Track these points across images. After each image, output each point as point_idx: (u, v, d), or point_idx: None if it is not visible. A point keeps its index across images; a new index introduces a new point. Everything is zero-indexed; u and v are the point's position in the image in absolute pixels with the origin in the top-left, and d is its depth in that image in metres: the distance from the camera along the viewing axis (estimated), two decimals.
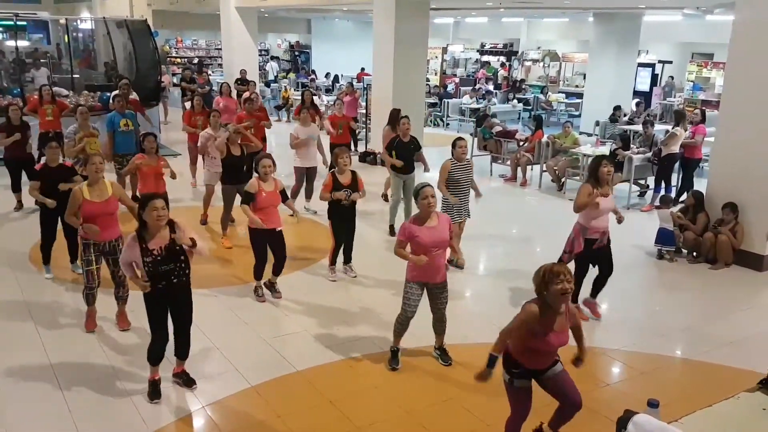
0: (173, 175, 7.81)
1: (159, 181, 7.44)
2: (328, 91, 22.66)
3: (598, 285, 6.40)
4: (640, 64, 20.48)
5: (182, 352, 4.93)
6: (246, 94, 13.63)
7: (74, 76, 16.55)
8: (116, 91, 12.36)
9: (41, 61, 19.60)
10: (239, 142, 8.28)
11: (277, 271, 6.64)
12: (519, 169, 12.14)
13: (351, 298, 6.79)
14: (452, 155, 7.23)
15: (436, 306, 5.28)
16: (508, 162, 12.56)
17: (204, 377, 5.01)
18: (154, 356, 4.77)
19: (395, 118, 8.61)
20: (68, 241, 6.98)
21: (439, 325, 5.41)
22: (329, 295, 6.81)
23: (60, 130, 10.70)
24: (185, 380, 4.96)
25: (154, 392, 4.80)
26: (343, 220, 6.95)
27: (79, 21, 23.75)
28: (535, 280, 3.80)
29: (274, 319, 6.29)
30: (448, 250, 5.44)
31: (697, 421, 2.95)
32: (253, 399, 4.87)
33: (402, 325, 5.28)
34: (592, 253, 6.23)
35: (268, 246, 6.49)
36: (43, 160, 7.00)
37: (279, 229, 6.44)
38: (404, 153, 8.41)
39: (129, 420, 4.57)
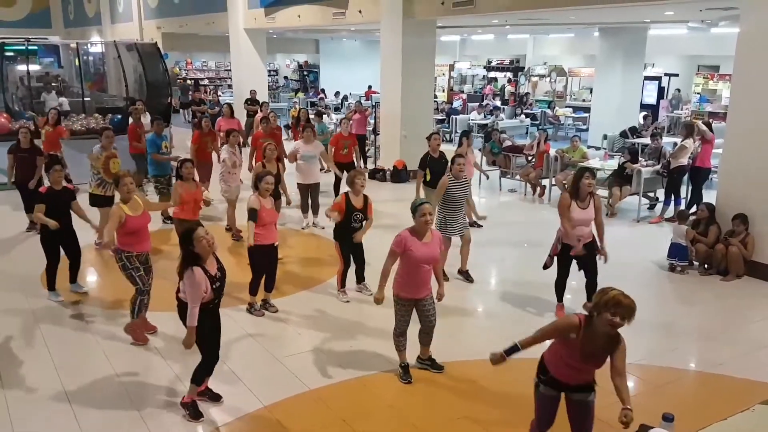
0: (207, 203, 7.90)
1: (197, 207, 7.43)
2: (337, 109, 22.81)
3: (590, 289, 6.42)
4: (647, 78, 20.48)
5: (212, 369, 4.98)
6: (259, 115, 13.83)
7: (85, 98, 16.80)
8: (136, 107, 12.54)
9: (52, 84, 19.89)
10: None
11: (269, 287, 6.72)
12: (529, 184, 12.16)
13: (362, 315, 6.78)
14: (450, 171, 7.29)
15: (425, 319, 5.31)
16: (518, 177, 12.58)
17: None
18: (204, 376, 4.86)
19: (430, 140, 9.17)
20: (70, 262, 7.08)
21: (425, 336, 5.45)
22: (340, 313, 6.81)
23: (56, 153, 10.76)
24: (211, 396, 5.02)
25: (196, 412, 4.82)
26: (350, 241, 6.93)
27: (89, 45, 24.10)
28: (595, 298, 3.65)
29: (285, 338, 6.30)
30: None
31: None
32: (266, 418, 4.87)
33: (399, 338, 5.34)
34: (572, 257, 6.36)
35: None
36: (46, 183, 7.07)
37: (276, 243, 6.57)
38: (435, 167, 8.76)
39: None
